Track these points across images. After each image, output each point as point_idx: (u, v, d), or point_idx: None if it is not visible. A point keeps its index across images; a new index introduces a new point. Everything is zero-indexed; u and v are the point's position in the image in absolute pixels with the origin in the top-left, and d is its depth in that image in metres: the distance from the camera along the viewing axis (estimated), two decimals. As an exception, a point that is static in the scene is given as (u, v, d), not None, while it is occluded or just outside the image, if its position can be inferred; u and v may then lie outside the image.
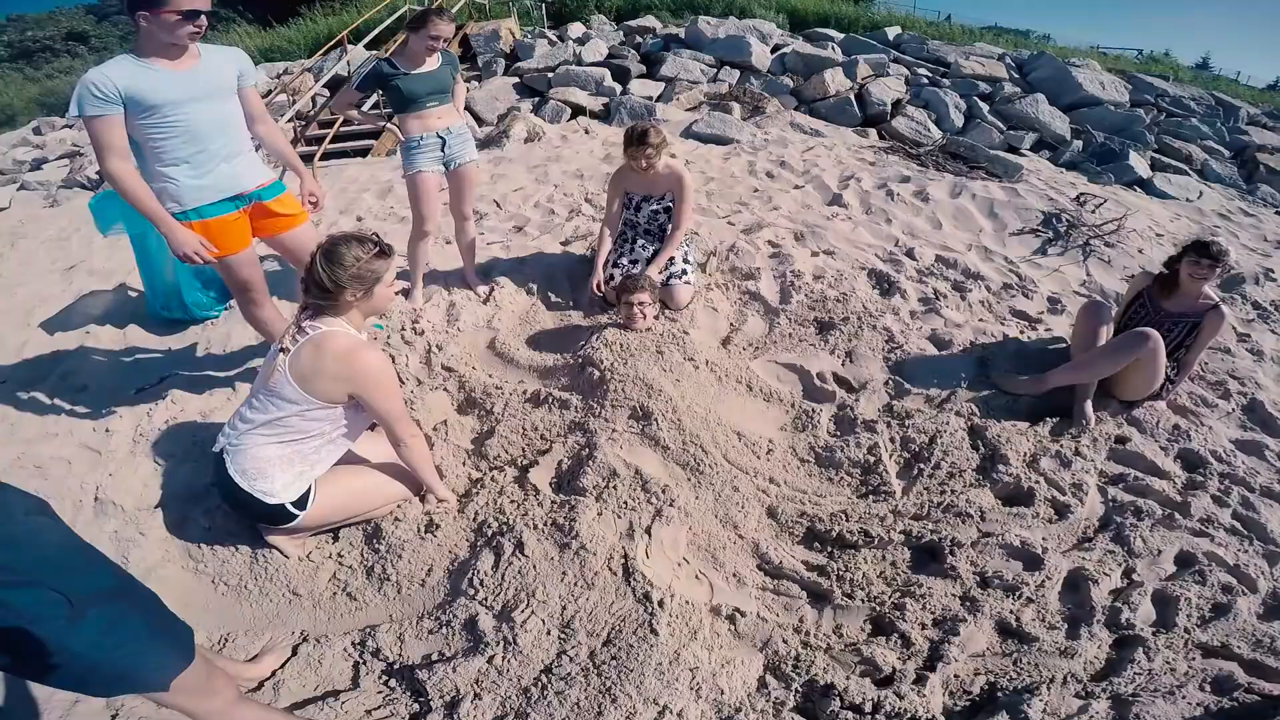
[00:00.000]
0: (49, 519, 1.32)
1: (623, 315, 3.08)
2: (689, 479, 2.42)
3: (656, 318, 3.23)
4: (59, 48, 31.68)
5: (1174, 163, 7.43)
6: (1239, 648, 1.96)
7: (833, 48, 10.08)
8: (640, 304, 2.96)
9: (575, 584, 2.01)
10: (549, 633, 1.90)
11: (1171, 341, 2.86)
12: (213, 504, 2.35)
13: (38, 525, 1.27)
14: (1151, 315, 2.93)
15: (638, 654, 1.81)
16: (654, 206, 3.54)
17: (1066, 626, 2.02)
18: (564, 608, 1.96)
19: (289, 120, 7.91)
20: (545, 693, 1.77)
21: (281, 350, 1.98)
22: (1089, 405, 2.82)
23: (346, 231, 2.02)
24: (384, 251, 2.00)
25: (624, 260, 3.53)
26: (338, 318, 2.00)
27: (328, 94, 9.31)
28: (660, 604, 1.92)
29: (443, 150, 3.22)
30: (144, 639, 1.29)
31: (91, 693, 1.36)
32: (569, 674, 1.80)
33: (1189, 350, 2.90)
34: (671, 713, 1.70)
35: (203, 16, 2.12)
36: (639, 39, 10.54)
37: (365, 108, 3.29)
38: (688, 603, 1.97)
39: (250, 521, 2.21)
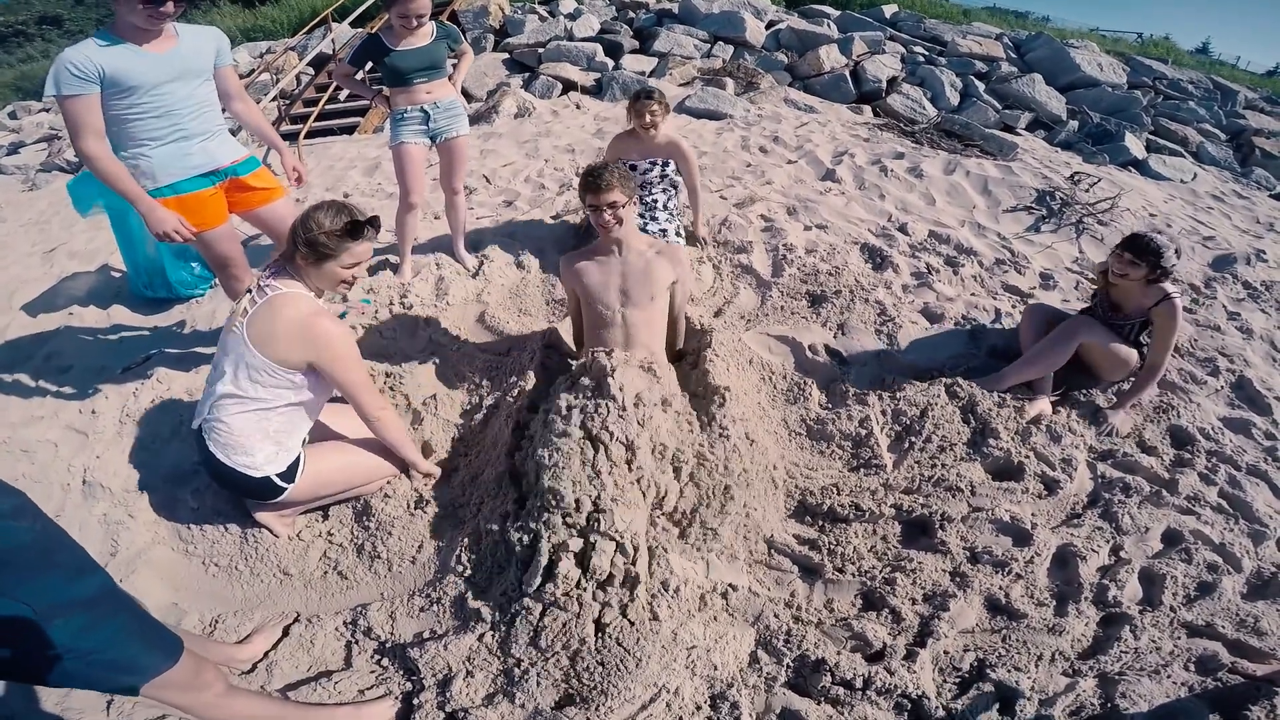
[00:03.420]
0: (24, 523, 1.25)
1: (593, 221, 2.44)
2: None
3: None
4: (32, 32, 30.89)
5: (1169, 144, 7.40)
6: (1223, 627, 1.97)
7: (828, 24, 9.95)
8: (613, 206, 2.32)
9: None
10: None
11: (1129, 338, 2.77)
12: (201, 484, 2.33)
13: (4, 530, 1.20)
14: (1102, 315, 2.84)
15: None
16: (650, 172, 3.58)
17: (1055, 603, 2.03)
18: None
19: (272, 99, 7.76)
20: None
21: (240, 313, 1.93)
22: (1047, 401, 2.75)
23: (348, 203, 1.97)
24: (352, 232, 1.90)
25: None
26: (295, 279, 1.96)
27: (312, 73, 9.14)
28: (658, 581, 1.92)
29: (427, 123, 3.19)
30: (120, 644, 1.27)
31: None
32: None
33: (1149, 352, 2.74)
34: (668, 691, 1.71)
35: (169, 3, 2.09)
36: (631, 14, 10.34)
37: (358, 78, 3.26)
38: (678, 573, 1.97)
39: (239, 497, 2.19)
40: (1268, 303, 3.74)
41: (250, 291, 1.96)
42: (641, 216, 3.59)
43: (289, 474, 2.03)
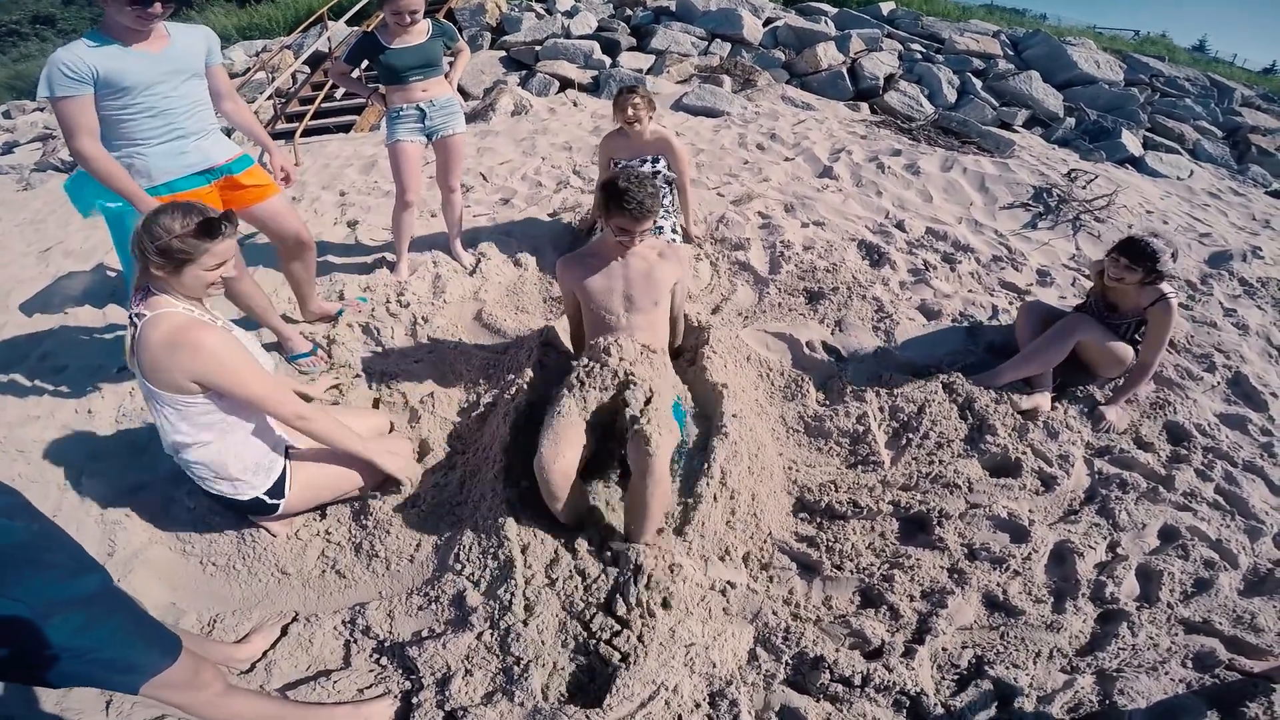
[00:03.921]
0: (20, 521, 1.25)
1: (614, 238, 2.34)
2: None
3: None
4: (26, 31, 30.77)
5: (1166, 142, 7.41)
6: (1220, 624, 1.98)
7: (826, 22, 9.94)
8: (644, 231, 2.29)
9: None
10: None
11: (1124, 337, 2.77)
12: (196, 484, 2.32)
13: (0, 529, 1.21)
14: (1097, 314, 2.84)
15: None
16: (642, 169, 3.53)
17: (1052, 600, 2.04)
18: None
19: (268, 98, 7.73)
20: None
21: (129, 353, 1.80)
22: (1047, 397, 2.76)
23: (189, 201, 1.80)
24: (208, 231, 1.72)
25: None
26: (163, 295, 1.78)
27: (308, 71, 9.11)
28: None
29: (422, 122, 3.18)
30: (118, 643, 1.27)
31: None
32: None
33: (1141, 350, 2.74)
34: (667, 688, 1.71)
35: (156, 4, 2.08)
36: (629, 11, 10.33)
37: (354, 76, 3.27)
38: (677, 574, 1.97)
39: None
40: (1264, 299, 3.75)
41: (129, 327, 1.80)
42: None
43: (277, 490, 2.01)
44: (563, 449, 2.02)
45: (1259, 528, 2.31)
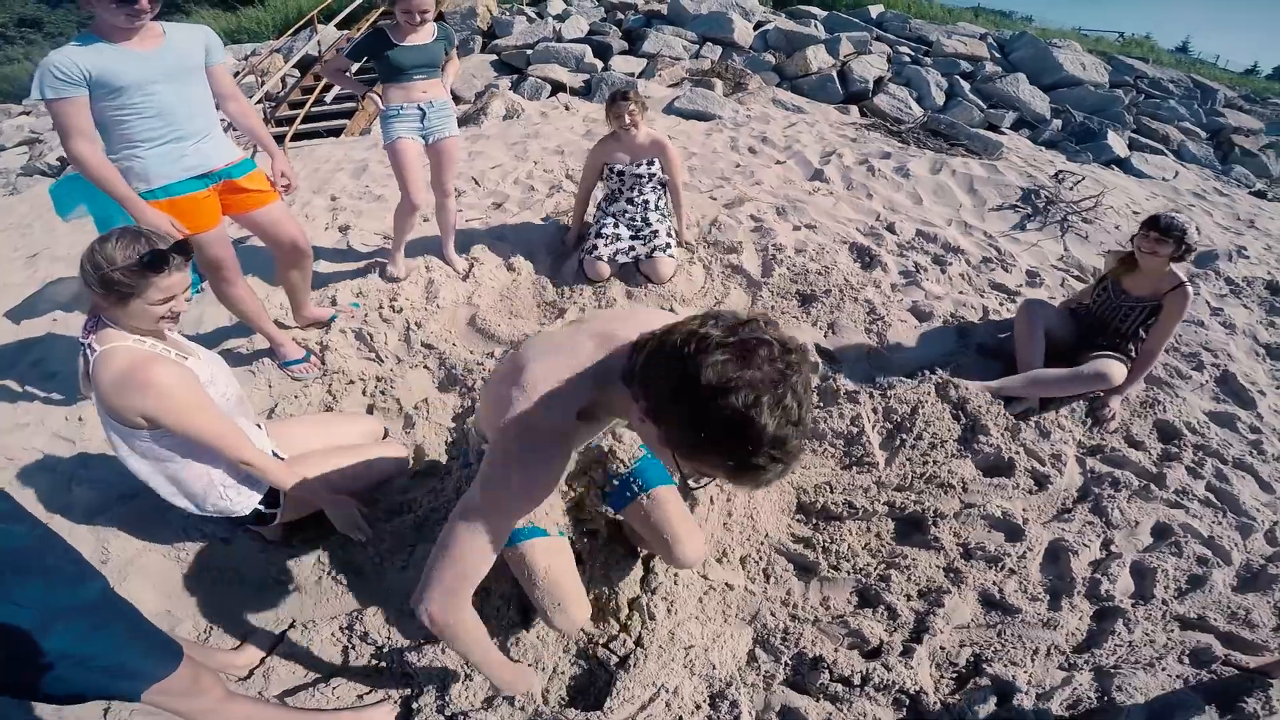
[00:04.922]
0: (20, 526, 1.25)
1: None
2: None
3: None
4: (11, 34, 30.50)
5: (1151, 143, 7.52)
6: (1215, 620, 2.00)
7: (815, 25, 10.02)
8: None
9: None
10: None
11: (1131, 325, 2.80)
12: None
13: (1, 534, 1.20)
14: (1113, 298, 2.86)
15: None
16: (637, 171, 3.56)
17: (1048, 598, 2.05)
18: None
19: (258, 101, 7.72)
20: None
21: (85, 386, 1.73)
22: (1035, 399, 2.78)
23: (146, 230, 1.69)
24: (152, 265, 1.61)
25: (606, 230, 3.56)
26: (113, 328, 1.69)
27: (297, 75, 9.08)
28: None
29: (422, 122, 3.18)
30: (120, 650, 1.26)
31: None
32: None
33: (1150, 335, 2.76)
34: (667, 690, 1.71)
35: None
36: (620, 15, 10.37)
37: (348, 74, 3.25)
38: (678, 578, 1.97)
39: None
40: (1249, 298, 3.80)
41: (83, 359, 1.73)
42: (633, 219, 3.59)
43: (272, 499, 1.99)
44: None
45: (1250, 524, 2.33)
